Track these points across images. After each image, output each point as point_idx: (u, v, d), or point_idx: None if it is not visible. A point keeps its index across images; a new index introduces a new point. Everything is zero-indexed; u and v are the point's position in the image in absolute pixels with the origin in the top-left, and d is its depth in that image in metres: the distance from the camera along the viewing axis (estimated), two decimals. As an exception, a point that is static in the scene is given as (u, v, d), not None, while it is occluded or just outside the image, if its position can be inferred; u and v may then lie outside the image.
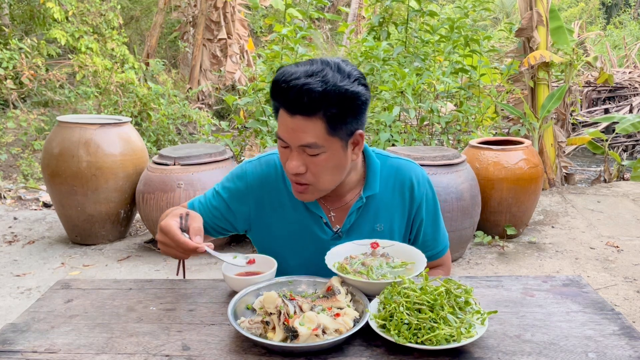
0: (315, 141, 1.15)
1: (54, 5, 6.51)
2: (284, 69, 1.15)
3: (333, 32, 13.99)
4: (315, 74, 1.11)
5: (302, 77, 1.11)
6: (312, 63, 1.15)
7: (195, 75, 9.07)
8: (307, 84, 1.10)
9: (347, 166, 1.25)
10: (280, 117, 1.18)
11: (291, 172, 1.19)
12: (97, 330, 1.08)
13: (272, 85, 1.16)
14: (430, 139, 5.14)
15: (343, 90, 1.12)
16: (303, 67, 1.14)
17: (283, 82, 1.12)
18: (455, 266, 3.72)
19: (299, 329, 0.97)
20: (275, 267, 1.23)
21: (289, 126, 1.15)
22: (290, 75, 1.12)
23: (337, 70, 1.14)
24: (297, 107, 1.12)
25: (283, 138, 1.18)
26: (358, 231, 1.35)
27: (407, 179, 1.38)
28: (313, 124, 1.13)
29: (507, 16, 17.60)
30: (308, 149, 1.16)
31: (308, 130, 1.14)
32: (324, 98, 1.11)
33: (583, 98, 8.89)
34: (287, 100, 1.13)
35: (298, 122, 1.14)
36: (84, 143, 3.83)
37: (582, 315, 1.11)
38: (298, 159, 1.18)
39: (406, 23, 5.37)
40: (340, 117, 1.15)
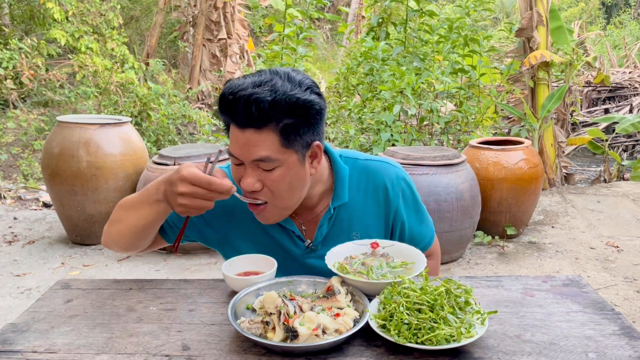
0: (269, 154, 1.09)
1: (54, 5, 6.51)
2: (231, 82, 1.10)
3: (333, 32, 14.00)
4: (263, 83, 1.06)
5: (250, 87, 1.06)
6: (261, 74, 1.10)
7: (195, 75, 9.07)
8: (254, 93, 1.04)
9: (306, 181, 1.19)
10: (231, 132, 1.12)
11: (246, 189, 1.14)
12: (97, 330, 1.08)
13: (219, 99, 1.10)
14: (430, 139, 5.14)
15: (294, 99, 1.07)
16: (250, 79, 1.09)
17: (229, 94, 1.06)
18: (455, 266, 3.72)
19: (299, 329, 0.97)
20: (275, 267, 1.23)
21: (240, 141, 1.10)
22: (237, 87, 1.06)
23: (286, 79, 1.09)
24: (246, 119, 1.06)
25: (235, 154, 1.12)
26: (333, 241, 1.30)
27: (380, 183, 1.33)
28: (265, 136, 1.08)
29: (507, 16, 17.60)
30: (262, 163, 1.10)
31: (260, 143, 1.08)
32: (273, 108, 1.05)
33: (583, 98, 8.89)
34: (235, 114, 1.07)
35: (249, 135, 1.08)
36: (84, 143, 3.83)
37: (582, 315, 1.11)
38: (252, 175, 1.12)
39: (405, 23, 5.37)
40: (294, 127, 1.09)
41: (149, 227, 1.22)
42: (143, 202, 1.19)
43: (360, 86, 5.41)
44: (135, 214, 1.22)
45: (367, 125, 4.86)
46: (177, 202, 1.08)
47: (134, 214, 1.22)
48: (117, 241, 1.28)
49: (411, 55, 5.13)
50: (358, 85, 5.44)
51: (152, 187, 1.17)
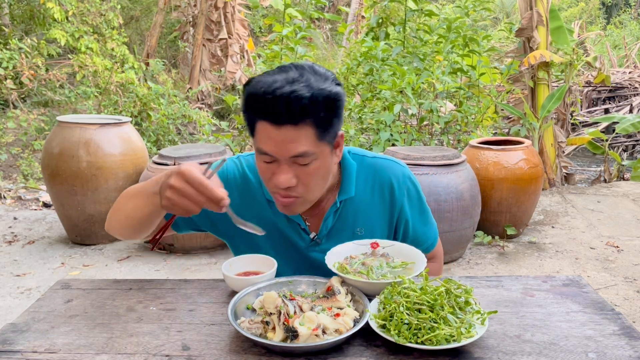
0: (307, 149, 1.10)
1: (54, 5, 6.51)
2: (258, 80, 1.09)
3: (333, 32, 14.00)
4: (296, 80, 1.06)
5: (286, 85, 1.05)
6: (287, 70, 1.10)
7: (195, 75, 9.07)
8: (294, 91, 1.04)
9: (332, 170, 1.22)
10: (261, 131, 1.10)
11: (283, 186, 1.13)
12: (97, 330, 1.08)
13: (250, 98, 1.09)
14: (430, 139, 5.15)
15: (326, 93, 1.08)
16: (281, 75, 1.08)
17: (266, 93, 1.05)
18: (455, 266, 3.72)
19: (299, 329, 0.97)
20: (275, 267, 1.23)
21: (276, 139, 1.08)
22: (271, 85, 1.05)
23: (315, 73, 1.10)
24: (286, 117, 1.06)
25: (270, 152, 1.11)
26: (337, 236, 1.31)
27: (386, 180, 1.34)
28: (302, 132, 1.08)
29: (507, 16, 17.60)
30: (300, 158, 1.10)
31: (298, 139, 1.08)
32: (313, 103, 1.06)
33: (583, 98, 8.90)
34: (273, 111, 1.06)
35: (286, 132, 1.07)
36: (84, 143, 3.83)
37: (582, 315, 1.11)
38: (288, 171, 1.12)
39: (404, 23, 5.37)
40: (327, 120, 1.11)
41: (145, 219, 1.21)
42: (142, 193, 1.19)
43: (360, 86, 5.42)
44: (133, 204, 1.22)
45: (367, 125, 4.87)
46: (164, 194, 1.06)
47: (132, 204, 1.22)
48: (116, 229, 1.30)
49: (411, 56, 5.13)
50: (358, 85, 5.44)
51: (154, 179, 1.17)
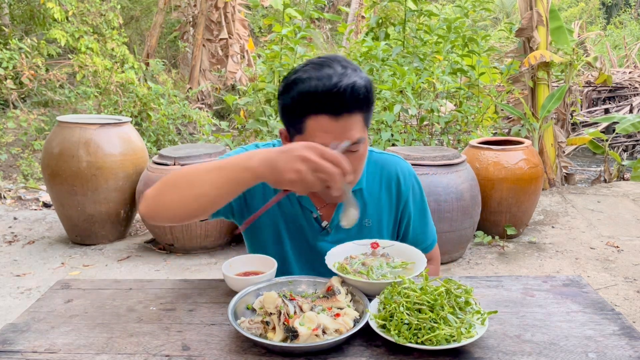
0: (361, 135, 1.17)
1: (54, 6, 6.51)
2: (307, 77, 1.11)
3: (333, 32, 13.99)
4: (345, 74, 1.12)
5: (343, 78, 1.10)
6: (328, 64, 1.13)
7: (195, 75, 9.08)
8: (354, 82, 1.11)
9: None
10: (315, 126, 1.13)
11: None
12: (97, 330, 1.08)
13: (307, 96, 1.11)
14: (430, 139, 5.15)
15: (370, 81, 1.16)
16: (329, 70, 1.12)
17: (329, 87, 1.09)
18: (455, 266, 3.72)
19: (299, 329, 0.97)
20: (275, 267, 1.23)
21: (335, 130, 1.13)
22: (330, 79, 1.10)
23: (350, 64, 1.16)
24: (345, 107, 1.12)
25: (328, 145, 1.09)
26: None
27: (393, 174, 1.39)
28: (356, 119, 1.15)
29: (507, 16, 17.59)
30: (354, 145, 1.16)
31: (354, 127, 1.15)
32: (367, 92, 1.14)
33: (583, 98, 8.89)
34: (335, 104, 1.10)
35: (344, 122, 1.13)
36: (84, 143, 3.83)
37: (582, 315, 1.11)
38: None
39: (403, 23, 5.37)
40: (370, 107, 1.19)
41: (222, 197, 1.10)
42: (224, 168, 1.07)
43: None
44: (208, 180, 1.09)
45: (367, 125, 4.85)
46: (293, 167, 0.97)
47: (207, 180, 1.09)
48: (170, 209, 1.15)
49: (411, 56, 5.13)
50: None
51: (237, 157, 1.08)
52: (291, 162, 0.97)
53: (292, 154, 0.98)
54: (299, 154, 0.97)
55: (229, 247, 4.04)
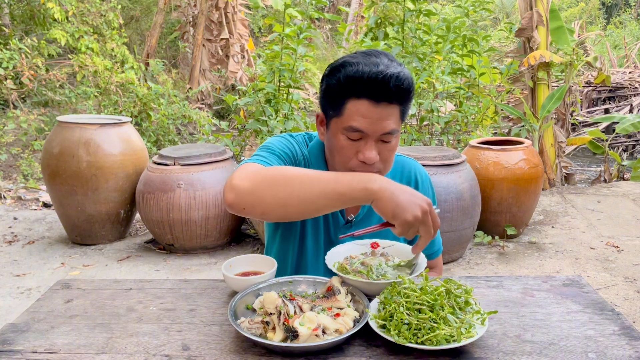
0: (395, 127, 1.20)
1: (54, 6, 6.51)
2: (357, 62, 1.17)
3: (333, 32, 13.99)
4: (392, 65, 1.16)
5: (390, 67, 1.15)
6: (376, 55, 1.19)
7: (195, 75, 9.08)
8: (401, 72, 1.15)
9: None
10: (354, 109, 1.18)
11: (371, 162, 1.20)
12: (97, 330, 1.08)
13: (354, 79, 1.15)
14: (430, 139, 5.15)
15: (412, 79, 1.20)
16: (377, 59, 1.17)
17: (376, 73, 1.14)
18: (455, 266, 3.72)
19: (299, 329, 0.97)
20: (275, 267, 1.23)
21: (373, 116, 1.17)
22: (377, 66, 1.15)
23: (395, 60, 1.20)
24: (387, 95, 1.15)
25: (363, 129, 1.18)
26: (367, 223, 1.37)
27: (412, 175, 1.44)
28: (393, 110, 1.18)
29: (507, 16, 17.59)
30: (387, 136, 1.19)
31: (391, 117, 1.18)
32: (410, 85, 1.18)
33: (583, 98, 8.90)
34: (379, 90, 1.15)
35: (382, 110, 1.17)
36: (84, 143, 3.83)
37: (582, 315, 1.11)
38: (375, 148, 1.20)
39: (402, 23, 5.37)
40: (409, 102, 1.23)
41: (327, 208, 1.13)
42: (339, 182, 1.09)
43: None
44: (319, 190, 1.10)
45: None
46: (413, 211, 1.04)
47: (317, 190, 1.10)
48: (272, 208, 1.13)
49: (410, 55, 5.13)
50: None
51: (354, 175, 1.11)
52: (414, 206, 1.05)
53: (416, 199, 1.06)
54: (422, 203, 1.06)
55: (229, 247, 4.04)
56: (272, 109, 4.60)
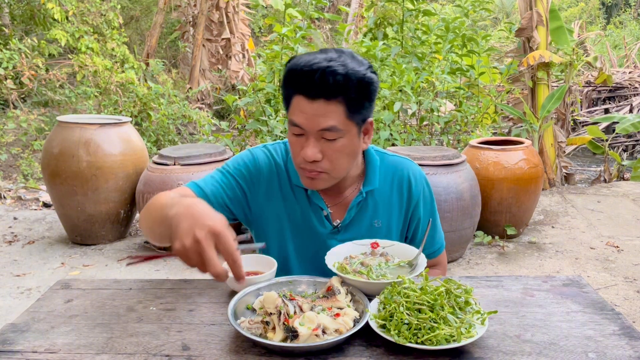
0: (336, 124, 1.16)
1: (54, 6, 6.51)
2: (298, 58, 1.17)
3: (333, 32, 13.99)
4: (333, 59, 1.14)
5: (324, 61, 1.13)
6: (327, 52, 1.18)
7: (195, 75, 9.08)
8: (330, 66, 1.12)
9: (359, 154, 1.28)
10: (295, 104, 1.18)
11: (309, 159, 1.18)
12: (97, 330, 1.08)
13: (289, 72, 1.17)
14: (430, 139, 5.15)
15: (361, 75, 1.15)
16: (320, 55, 1.16)
17: (304, 66, 1.13)
18: (455, 266, 3.72)
19: (299, 329, 0.97)
20: (275, 267, 1.23)
21: (308, 111, 1.16)
22: (309, 61, 1.14)
23: (352, 58, 1.18)
24: (319, 90, 1.14)
25: (301, 125, 1.18)
26: (357, 227, 1.35)
27: (405, 176, 1.40)
28: (333, 107, 1.15)
29: (507, 16, 17.59)
30: (327, 133, 1.17)
31: (328, 114, 1.15)
32: (346, 81, 1.13)
33: (583, 98, 8.90)
34: (309, 84, 1.14)
35: (319, 106, 1.15)
36: (84, 143, 3.83)
37: (582, 315, 1.11)
38: (315, 145, 1.18)
39: (402, 23, 5.37)
40: (358, 102, 1.17)
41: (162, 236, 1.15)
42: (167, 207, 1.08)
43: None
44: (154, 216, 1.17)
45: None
46: (183, 241, 0.93)
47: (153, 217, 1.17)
48: (146, 233, 1.25)
49: (409, 55, 5.13)
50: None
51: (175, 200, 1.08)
52: (187, 234, 0.93)
53: (195, 226, 0.94)
54: (199, 231, 0.93)
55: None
56: (272, 109, 4.60)
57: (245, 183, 1.34)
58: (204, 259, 0.92)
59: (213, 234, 0.93)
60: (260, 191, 1.35)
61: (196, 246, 0.93)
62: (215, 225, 0.94)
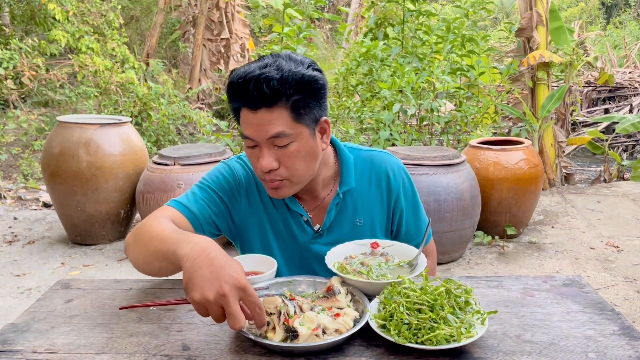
0: (284, 130, 1.14)
1: (55, 7, 6.51)
2: (236, 70, 1.16)
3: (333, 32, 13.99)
4: (268, 65, 1.12)
5: (257, 69, 1.12)
6: (264, 58, 1.17)
7: (195, 75, 9.08)
8: (262, 73, 1.10)
9: (319, 155, 1.24)
10: (242, 117, 1.17)
11: (265, 169, 1.17)
12: (97, 330, 1.08)
13: (229, 87, 1.16)
14: (430, 139, 5.15)
15: (299, 76, 1.13)
16: (255, 63, 1.15)
17: (239, 78, 1.12)
18: (455, 266, 3.72)
19: (299, 329, 0.97)
20: (275, 267, 1.23)
21: (253, 122, 1.15)
22: (244, 72, 1.13)
23: (289, 59, 1.15)
24: (258, 100, 1.12)
25: (250, 136, 1.17)
26: (338, 228, 1.35)
27: (382, 171, 1.38)
28: (277, 113, 1.13)
29: (507, 16, 17.59)
30: (277, 139, 1.15)
31: (273, 121, 1.13)
32: (282, 84, 1.11)
33: (583, 98, 8.89)
34: (247, 96, 1.12)
35: (262, 115, 1.13)
36: (84, 143, 3.83)
37: (582, 315, 1.11)
38: (269, 154, 1.17)
39: (402, 24, 5.37)
40: (302, 102, 1.15)
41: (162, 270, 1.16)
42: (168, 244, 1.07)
43: (360, 86, 5.42)
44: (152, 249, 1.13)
45: (367, 125, 4.87)
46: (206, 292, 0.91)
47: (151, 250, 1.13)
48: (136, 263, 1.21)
49: (410, 56, 5.13)
50: (357, 86, 5.44)
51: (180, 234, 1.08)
52: (209, 286, 0.91)
53: (219, 279, 0.91)
54: (224, 285, 0.90)
55: (229, 247, 4.04)
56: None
57: (226, 196, 1.34)
58: (227, 312, 0.91)
59: (239, 289, 0.92)
60: (241, 203, 1.35)
61: (221, 300, 0.90)
62: (240, 279, 0.92)
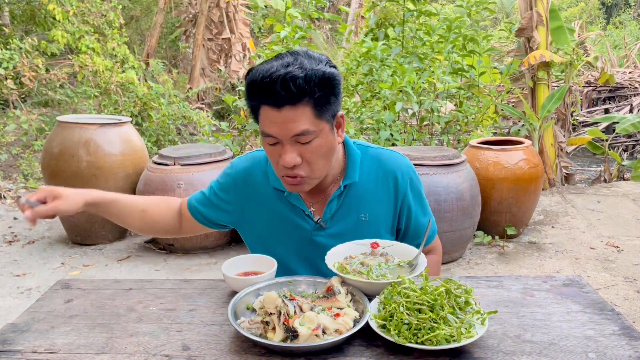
0: (307, 127, 1.16)
1: (55, 7, 6.50)
2: (256, 69, 1.16)
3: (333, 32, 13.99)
4: (291, 64, 1.13)
5: (281, 68, 1.12)
6: (282, 57, 1.17)
7: (195, 75, 9.08)
8: (288, 72, 1.11)
9: (336, 149, 1.27)
10: (264, 115, 1.18)
11: (289, 165, 1.19)
12: (97, 330, 1.08)
13: (250, 86, 1.17)
14: (430, 139, 5.15)
15: (321, 73, 1.15)
16: (276, 62, 1.15)
17: (264, 78, 1.13)
18: (455, 266, 3.72)
19: (299, 329, 0.97)
20: (275, 267, 1.23)
21: (277, 120, 1.16)
22: (268, 70, 1.13)
23: (308, 57, 1.17)
24: (284, 98, 1.13)
25: (273, 134, 1.18)
26: (342, 221, 1.36)
27: (389, 170, 1.39)
28: (301, 111, 1.15)
29: (507, 16, 17.58)
30: (301, 137, 1.17)
31: (298, 118, 1.15)
32: (307, 83, 1.12)
33: (583, 98, 8.89)
34: (272, 95, 1.13)
35: (286, 113, 1.14)
36: (84, 143, 3.83)
37: (582, 315, 1.11)
38: (292, 150, 1.18)
39: (403, 24, 5.37)
40: (324, 99, 1.17)
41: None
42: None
43: (360, 86, 5.42)
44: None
45: (367, 125, 4.87)
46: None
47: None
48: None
49: (410, 56, 5.13)
50: (357, 86, 5.44)
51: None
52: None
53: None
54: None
55: (229, 247, 4.04)
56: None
57: (224, 192, 1.42)
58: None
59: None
60: (240, 196, 1.40)
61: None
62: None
